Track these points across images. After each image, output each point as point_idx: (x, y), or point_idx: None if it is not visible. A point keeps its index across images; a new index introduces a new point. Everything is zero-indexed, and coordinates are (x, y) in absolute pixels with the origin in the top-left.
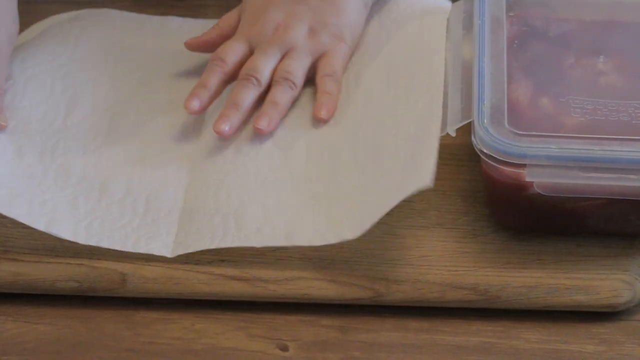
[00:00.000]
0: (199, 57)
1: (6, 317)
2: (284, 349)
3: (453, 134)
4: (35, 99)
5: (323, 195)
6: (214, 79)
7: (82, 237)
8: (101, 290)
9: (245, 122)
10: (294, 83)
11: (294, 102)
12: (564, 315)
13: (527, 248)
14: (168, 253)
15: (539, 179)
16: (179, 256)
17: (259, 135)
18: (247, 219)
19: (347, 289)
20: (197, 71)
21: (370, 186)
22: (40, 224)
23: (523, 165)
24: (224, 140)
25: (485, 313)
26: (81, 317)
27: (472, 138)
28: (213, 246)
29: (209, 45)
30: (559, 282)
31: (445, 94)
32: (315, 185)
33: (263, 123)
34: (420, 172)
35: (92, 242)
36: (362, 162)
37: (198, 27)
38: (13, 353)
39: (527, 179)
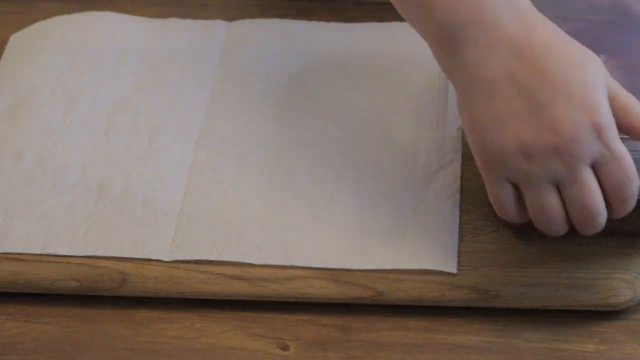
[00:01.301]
0: (199, 58)
1: (7, 316)
2: (285, 348)
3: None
4: (36, 105)
5: (324, 219)
6: None
7: (79, 248)
8: (101, 290)
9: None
10: None
11: (301, 120)
12: (564, 315)
13: (527, 247)
14: (165, 257)
15: None
16: None
17: (264, 152)
18: (248, 235)
19: (348, 288)
20: (197, 71)
21: (376, 225)
22: (36, 247)
23: None
24: (224, 140)
25: (485, 312)
26: (81, 317)
27: None
28: (212, 258)
29: None
30: (559, 281)
31: (446, 93)
32: (317, 207)
33: None
34: (445, 256)
35: (89, 252)
36: (366, 194)
37: (198, 28)
38: (13, 352)
39: None
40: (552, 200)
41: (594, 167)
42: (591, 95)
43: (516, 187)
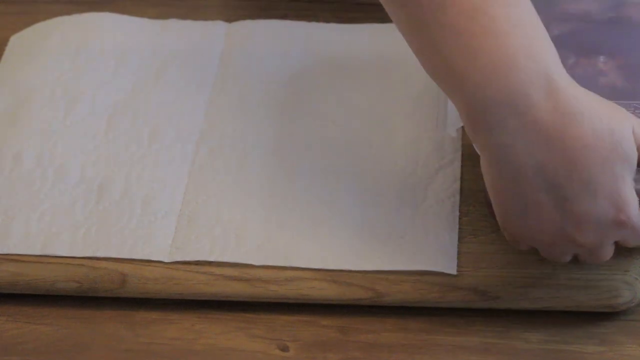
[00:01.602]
0: (199, 59)
1: (7, 317)
2: (284, 349)
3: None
4: (36, 105)
5: (324, 219)
6: None
7: (79, 249)
8: (101, 291)
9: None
10: None
11: (300, 121)
12: (564, 316)
13: (527, 248)
14: (165, 258)
15: None
16: None
17: (264, 152)
18: (248, 236)
19: (348, 289)
20: (198, 72)
21: (376, 226)
22: (35, 248)
23: None
24: (224, 141)
25: (485, 313)
26: (81, 318)
27: None
28: (212, 259)
29: None
30: (559, 282)
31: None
32: (317, 208)
33: None
34: (445, 257)
35: (89, 253)
36: (366, 194)
37: (198, 29)
38: (13, 353)
39: None
40: (565, 260)
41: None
42: (618, 190)
43: None
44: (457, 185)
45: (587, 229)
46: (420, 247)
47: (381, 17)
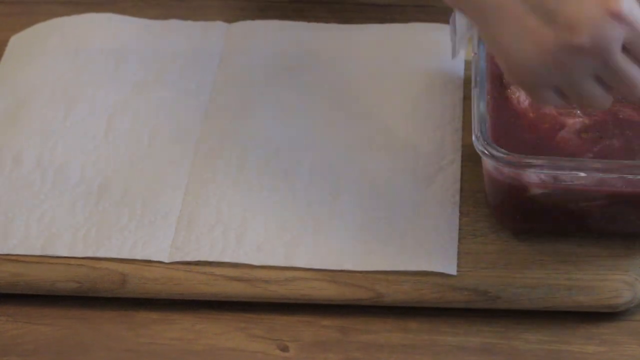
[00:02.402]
0: (199, 59)
1: (7, 317)
2: (284, 349)
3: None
4: (36, 105)
5: (324, 219)
6: None
7: (79, 250)
8: (102, 291)
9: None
10: None
11: (300, 121)
12: (564, 316)
13: (527, 249)
14: (165, 258)
15: (539, 179)
16: None
17: (264, 152)
18: (247, 236)
19: (348, 289)
20: (198, 72)
21: (376, 227)
22: (36, 248)
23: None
24: (224, 141)
25: (485, 314)
26: (81, 318)
27: (473, 138)
28: (211, 259)
29: None
30: (559, 282)
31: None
32: (317, 208)
33: None
34: (445, 257)
35: (89, 253)
36: (366, 195)
37: (198, 29)
38: (13, 354)
39: (528, 179)
40: (595, 92)
41: (626, 47)
42: None
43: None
44: (457, 185)
45: (583, 32)
46: (420, 247)
47: (381, 17)
